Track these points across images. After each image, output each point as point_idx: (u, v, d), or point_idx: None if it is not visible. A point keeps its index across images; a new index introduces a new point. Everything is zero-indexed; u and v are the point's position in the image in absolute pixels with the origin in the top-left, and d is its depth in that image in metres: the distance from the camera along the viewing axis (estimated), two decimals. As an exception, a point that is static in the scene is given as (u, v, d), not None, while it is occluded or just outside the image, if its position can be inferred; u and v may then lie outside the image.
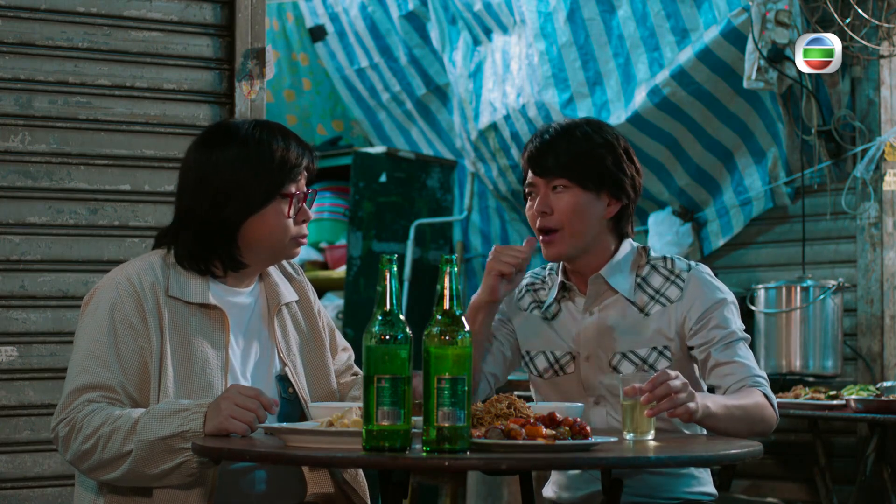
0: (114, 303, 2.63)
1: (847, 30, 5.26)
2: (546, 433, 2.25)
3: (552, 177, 2.88)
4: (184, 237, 2.70)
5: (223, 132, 2.74)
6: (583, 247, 2.91)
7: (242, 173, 2.67)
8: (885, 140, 5.43)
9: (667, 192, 6.18)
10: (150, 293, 2.65)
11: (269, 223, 2.69)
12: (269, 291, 2.82)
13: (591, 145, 2.88)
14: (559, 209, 2.87)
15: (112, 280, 2.68)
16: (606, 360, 2.92)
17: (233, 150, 2.69)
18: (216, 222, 2.68)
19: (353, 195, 6.54)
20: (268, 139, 2.69)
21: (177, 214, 2.74)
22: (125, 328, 2.62)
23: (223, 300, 2.72)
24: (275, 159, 2.68)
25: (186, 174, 2.73)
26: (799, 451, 5.64)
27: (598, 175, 2.87)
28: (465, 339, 2.22)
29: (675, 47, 5.80)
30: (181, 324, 2.66)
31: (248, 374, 2.73)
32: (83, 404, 2.56)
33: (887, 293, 5.49)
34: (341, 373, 2.93)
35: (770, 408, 2.79)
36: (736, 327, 2.89)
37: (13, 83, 3.72)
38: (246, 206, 2.67)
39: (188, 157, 2.75)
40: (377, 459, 2.22)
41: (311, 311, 2.89)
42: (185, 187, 2.73)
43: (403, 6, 7.14)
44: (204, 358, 2.65)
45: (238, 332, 2.74)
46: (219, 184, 2.67)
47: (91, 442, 2.52)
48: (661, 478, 2.93)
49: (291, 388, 2.76)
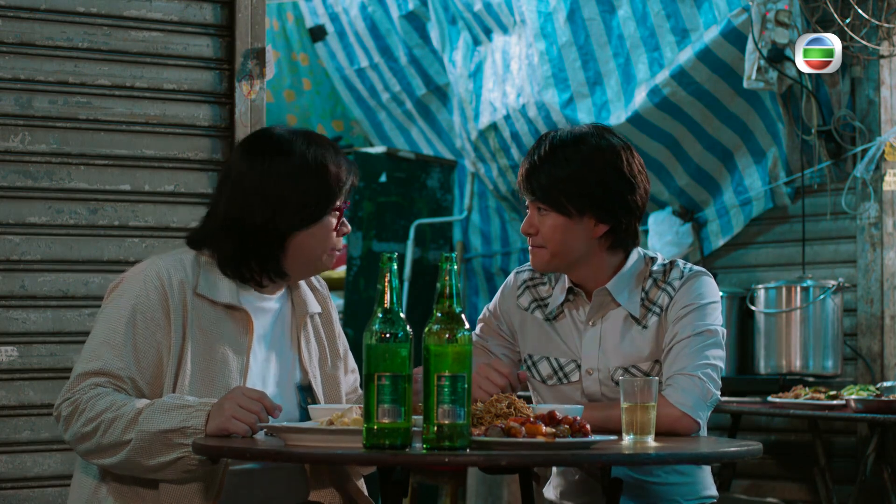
0: (138, 294, 2.64)
1: (847, 30, 5.26)
2: (546, 431, 2.26)
3: (535, 199, 2.87)
4: (227, 243, 2.70)
5: (276, 142, 2.74)
6: (568, 264, 2.88)
7: (303, 187, 2.69)
8: (885, 140, 5.43)
9: (667, 192, 6.18)
10: (177, 290, 2.65)
11: (319, 235, 2.72)
12: (296, 300, 2.82)
13: (574, 170, 2.82)
14: (542, 231, 2.87)
15: (140, 272, 2.68)
16: (608, 375, 2.91)
17: (291, 163, 2.70)
18: (268, 232, 2.68)
19: (353, 195, 6.54)
20: (323, 154, 2.73)
21: (220, 219, 2.72)
22: (146, 321, 2.62)
23: (251, 304, 2.73)
24: (331, 175, 2.72)
25: (239, 182, 2.71)
26: (799, 451, 5.64)
27: (578, 200, 2.82)
28: (465, 336, 2.23)
29: (675, 47, 5.81)
30: (205, 323, 2.66)
31: (268, 381, 2.73)
32: (90, 387, 2.57)
33: (887, 293, 5.49)
34: (347, 393, 2.93)
35: (667, 408, 2.72)
36: (701, 327, 2.82)
37: (13, 83, 3.72)
38: (302, 219, 2.69)
39: (237, 165, 2.73)
40: (377, 456, 2.23)
41: (332, 326, 2.90)
42: (235, 195, 2.71)
43: (403, 6, 7.15)
44: (224, 360, 2.66)
45: (261, 337, 2.74)
46: (278, 195, 2.67)
47: (92, 425, 2.53)
48: (663, 487, 2.92)
49: (310, 398, 2.77)
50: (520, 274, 3.05)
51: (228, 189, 2.72)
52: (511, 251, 7.29)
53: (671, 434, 2.72)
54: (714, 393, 2.80)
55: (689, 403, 2.75)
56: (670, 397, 2.74)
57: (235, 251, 2.69)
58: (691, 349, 2.80)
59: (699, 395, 2.76)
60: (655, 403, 2.52)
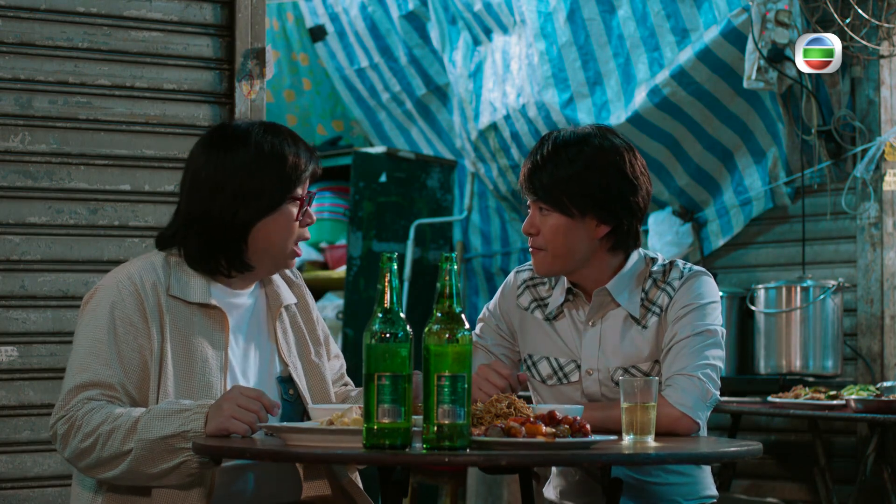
0: (115, 301, 2.64)
1: (847, 30, 5.26)
2: (546, 431, 2.26)
3: (537, 199, 2.87)
4: (192, 238, 2.71)
5: (232, 135, 2.75)
6: (570, 266, 2.88)
7: (259, 177, 2.68)
8: (885, 140, 5.43)
9: (667, 192, 6.18)
10: (151, 292, 2.65)
11: (279, 225, 2.71)
12: (270, 293, 2.83)
13: (577, 170, 2.82)
14: (543, 231, 2.86)
15: (113, 279, 2.68)
16: (608, 375, 2.91)
17: (247, 154, 2.70)
18: (228, 224, 2.69)
19: (353, 195, 6.55)
20: (280, 143, 2.72)
21: (183, 215, 2.74)
22: (126, 327, 2.62)
23: (223, 301, 2.73)
24: (287, 163, 2.70)
25: (196, 176, 2.72)
26: (799, 451, 5.64)
27: (580, 200, 2.82)
28: (465, 336, 2.23)
29: (675, 47, 5.80)
30: (182, 324, 2.66)
31: (249, 375, 2.73)
32: (83, 402, 2.56)
33: (887, 293, 5.49)
34: (334, 381, 2.93)
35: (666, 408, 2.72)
36: (701, 327, 2.83)
37: (13, 83, 3.72)
38: (260, 209, 2.69)
39: (196, 159, 2.75)
40: (377, 456, 2.23)
41: (310, 316, 2.90)
42: (194, 189, 2.72)
43: (403, 6, 7.14)
44: (204, 358, 2.66)
45: (238, 332, 2.74)
46: (234, 187, 2.68)
47: (90, 440, 2.53)
48: (663, 487, 2.92)
49: (292, 389, 2.77)
50: (520, 273, 3.04)
51: (188, 185, 2.74)
52: (511, 251, 7.29)
53: (671, 434, 2.72)
54: (713, 393, 2.79)
55: (689, 404, 2.75)
56: (670, 398, 2.74)
57: (200, 247, 2.70)
58: (691, 349, 2.80)
59: (699, 396, 2.76)
60: (655, 403, 2.52)
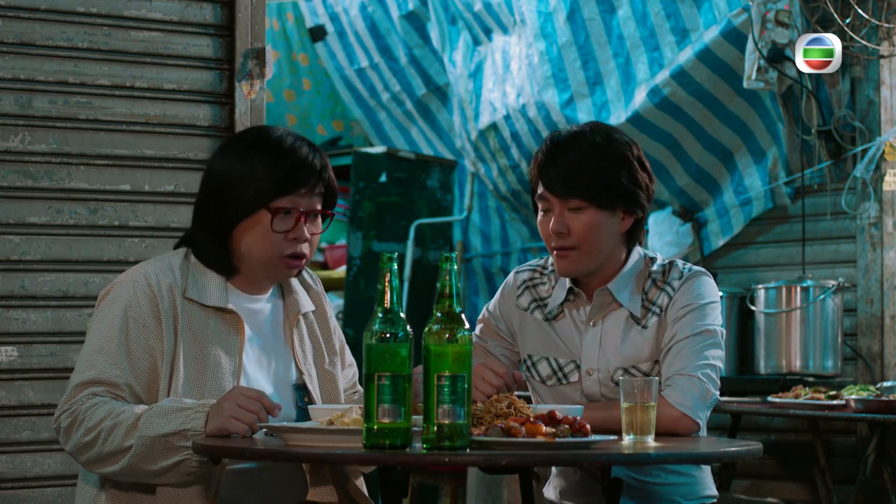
0: (129, 301, 2.64)
1: (847, 30, 5.26)
2: (546, 431, 2.26)
3: (568, 197, 2.82)
4: (200, 238, 2.74)
5: (240, 136, 2.81)
6: (597, 264, 2.87)
7: (246, 180, 2.67)
8: (885, 140, 5.43)
9: (667, 192, 6.18)
10: (166, 294, 2.65)
11: (256, 232, 2.68)
12: (288, 299, 2.82)
13: (606, 162, 2.82)
14: (575, 230, 2.82)
15: (130, 278, 2.68)
16: (608, 375, 2.90)
17: (234, 155, 2.71)
18: (213, 219, 2.71)
19: (353, 195, 6.55)
20: (273, 151, 2.69)
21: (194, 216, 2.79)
22: (138, 327, 2.62)
23: (240, 306, 2.73)
24: (266, 170, 2.67)
25: (204, 175, 2.79)
26: (799, 451, 5.64)
27: (614, 193, 2.82)
28: (465, 336, 2.23)
29: (675, 47, 5.80)
30: (196, 327, 2.66)
31: (263, 381, 2.73)
32: (87, 397, 2.57)
33: (887, 293, 5.49)
34: (345, 389, 2.93)
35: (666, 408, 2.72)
36: (700, 327, 2.82)
37: (13, 83, 3.72)
38: (237, 207, 2.68)
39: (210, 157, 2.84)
40: (377, 456, 2.23)
41: (327, 322, 2.89)
42: (200, 188, 2.79)
43: (403, 6, 7.14)
44: (217, 362, 2.66)
45: (254, 338, 2.74)
46: (218, 181, 2.71)
47: (92, 434, 2.53)
48: (663, 487, 2.92)
49: (307, 397, 2.76)
50: (519, 274, 3.04)
51: (201, 181, 2.79)
52: (511, 251, 7.29)
53: (671, 434, 2.72)
54: (713, 393, 2.79)
55: (689, 404, 2.74)
56: (670, 398, 2.74)
57: (207, 245, 2.72)
58: (690, 349, 2.80)
59: (698, 396, 2.76)
60: (655, 403, 2.52)
